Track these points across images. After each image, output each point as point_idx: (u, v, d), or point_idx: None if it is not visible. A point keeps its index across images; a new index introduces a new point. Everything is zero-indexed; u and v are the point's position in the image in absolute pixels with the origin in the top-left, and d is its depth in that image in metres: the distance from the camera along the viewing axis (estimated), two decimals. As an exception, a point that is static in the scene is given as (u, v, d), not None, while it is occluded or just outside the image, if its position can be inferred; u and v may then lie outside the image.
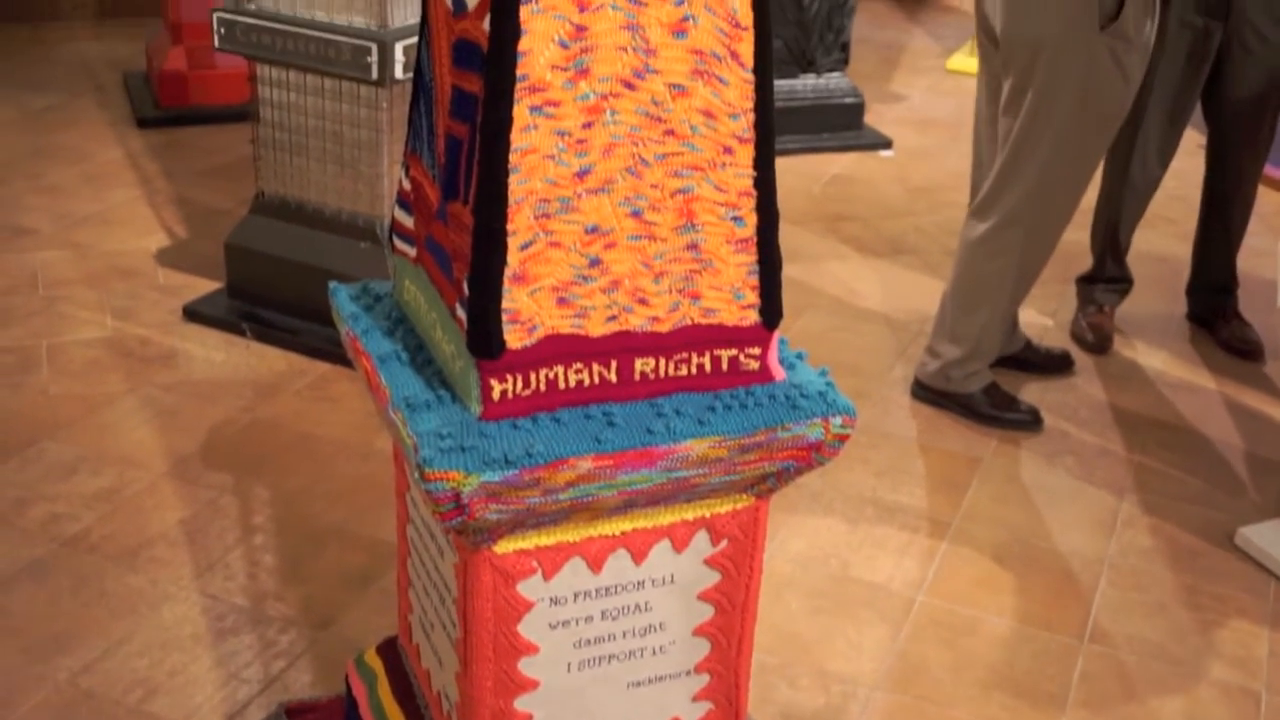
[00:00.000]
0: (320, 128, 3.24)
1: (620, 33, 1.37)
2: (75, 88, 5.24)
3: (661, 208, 1.44)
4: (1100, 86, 2.84)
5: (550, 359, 1.45)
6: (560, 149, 1.38)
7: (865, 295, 3.86)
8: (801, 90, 5.06)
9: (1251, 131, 3.45)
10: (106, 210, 4.10)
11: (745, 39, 1.43)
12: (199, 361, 3.25)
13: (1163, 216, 4.39)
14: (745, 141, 1.46)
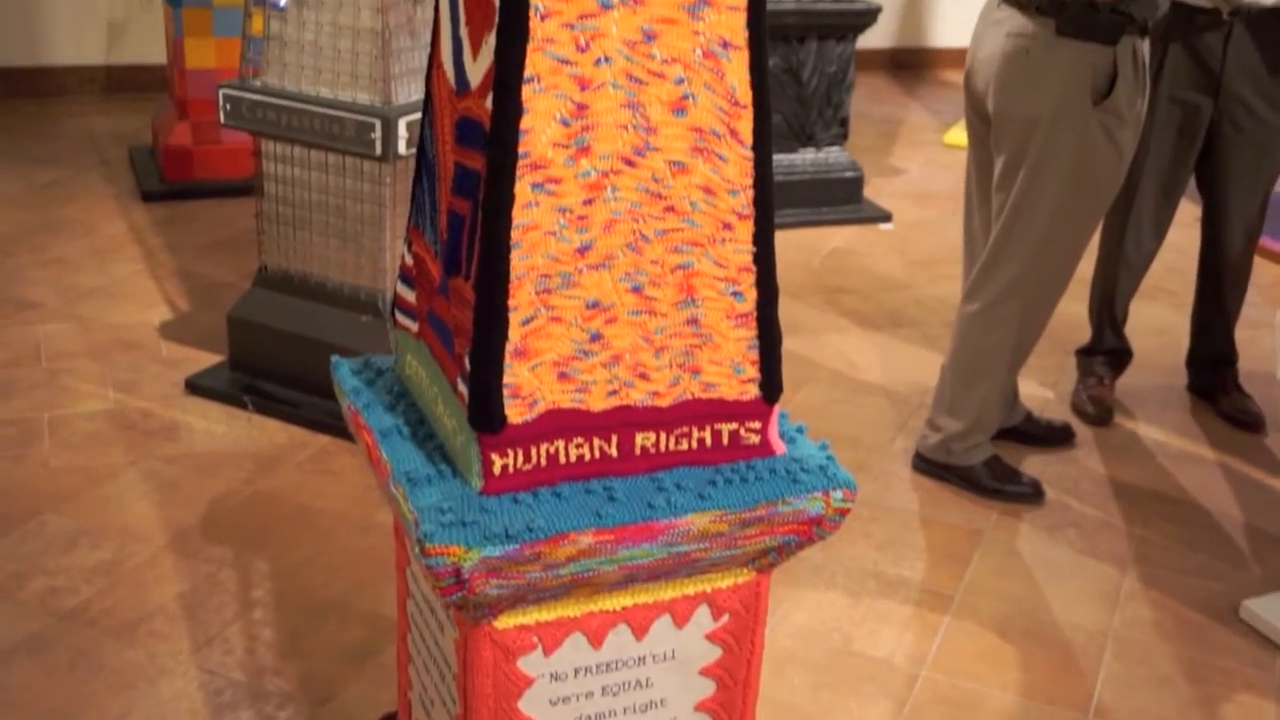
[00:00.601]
0: (324, 202, 3.27)
1: (621, 111, 1.39)
2: (81, 162, 5.29)
3: (662, 283, 1.46)
4: (1094, 161, 2.87)
5: (551, 433, 1.45)
6: (561, 225, 1.40)
7: (865, 368, 3.87)
8: (801, 164, 5.11)
9: (1245, 204, 3.48)
10: (110, 283, 4.12)
11: (744, 117, 1.45)
12: (200, 434, 3.25)
13: (1161, 288, 4.41)
14: (745, 218, 1.48)
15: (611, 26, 1.36)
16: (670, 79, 1.40)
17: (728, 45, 1.42)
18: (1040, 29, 2.83)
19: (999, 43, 2.92)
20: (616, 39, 1.37)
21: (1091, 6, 2.77)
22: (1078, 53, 2.80)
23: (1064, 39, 2.80)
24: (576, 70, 1.36)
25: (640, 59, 1.38)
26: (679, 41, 1.39)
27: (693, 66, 1.41)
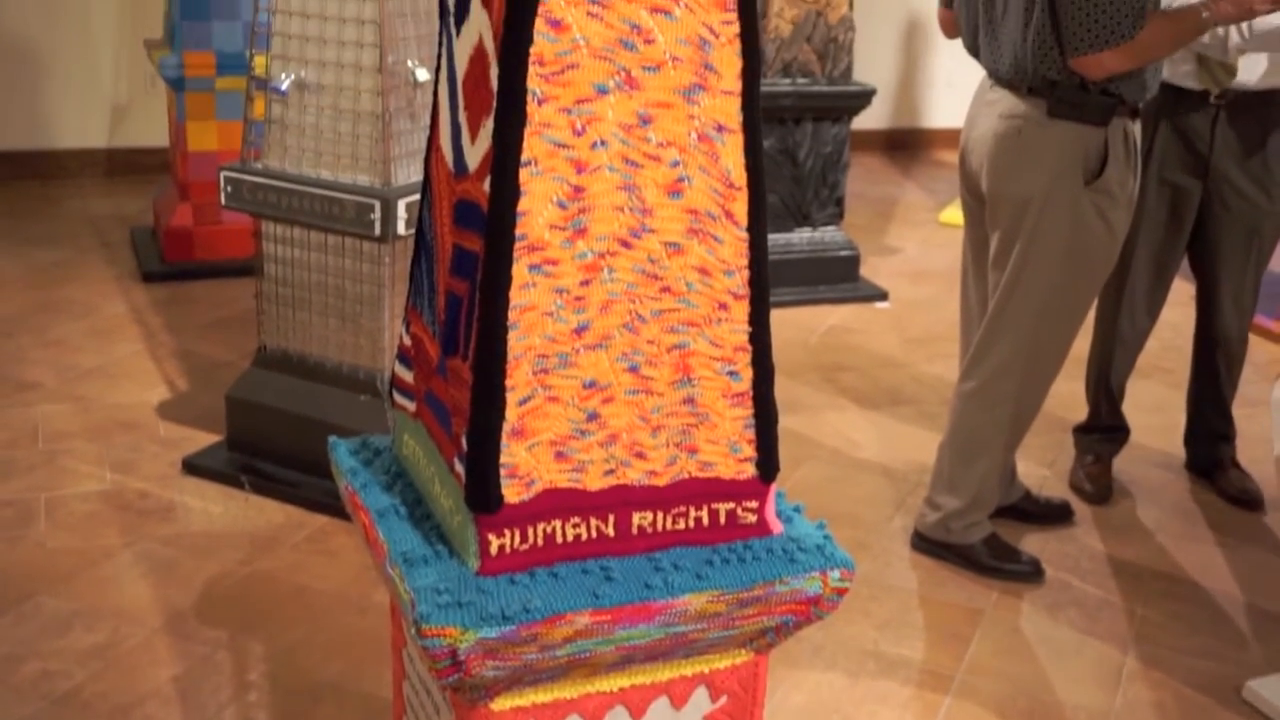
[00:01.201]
0: (323, 282, 3.29)
1: (617, 193, 1.41)
2: (82, 243, 5.33)
3: (658, 363, 1.47)
4: (1087, 240, 2.90)
5: (548, 513, 1.45)
6: (559, 306, 1.41)
7: (863, 446, 3.87)
8: (798, 243, 5.15)
9: (1238, 284, 3.51)
10: (110, 364, 4.14)
11: (739, 198, 1.47)
12: (197, 514, 3.25)
13: (1157, 366, 4.42)
14: (740, 298, 1.49)
15: (608, 111, 1.39)
16: (666, 162, 1.42)
17: (722, 129, 1.44)
18: (1032, 110, 2.87)
19: (992, 123, 2.96)
20: (613, 123, 1.39)
21: (1082, 88, 2.81)
22: (1069, 133, 2.84)
23: (1056, 120, 2.84)
24: (573, 153, 1.38)
25: (636, 142, 1.40)
26: (674, 125, 1.41)
27: (688, 150, 1.42)
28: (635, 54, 1.38)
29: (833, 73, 5.05)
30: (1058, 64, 2.79)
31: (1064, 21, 2.71)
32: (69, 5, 6.09)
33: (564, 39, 1.36)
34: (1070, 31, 2.70)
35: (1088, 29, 2.68)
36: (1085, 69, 2.74)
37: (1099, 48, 2.69)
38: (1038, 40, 2.79)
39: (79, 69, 6.19)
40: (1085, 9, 2.66)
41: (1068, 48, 2.72)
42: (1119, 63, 2.71)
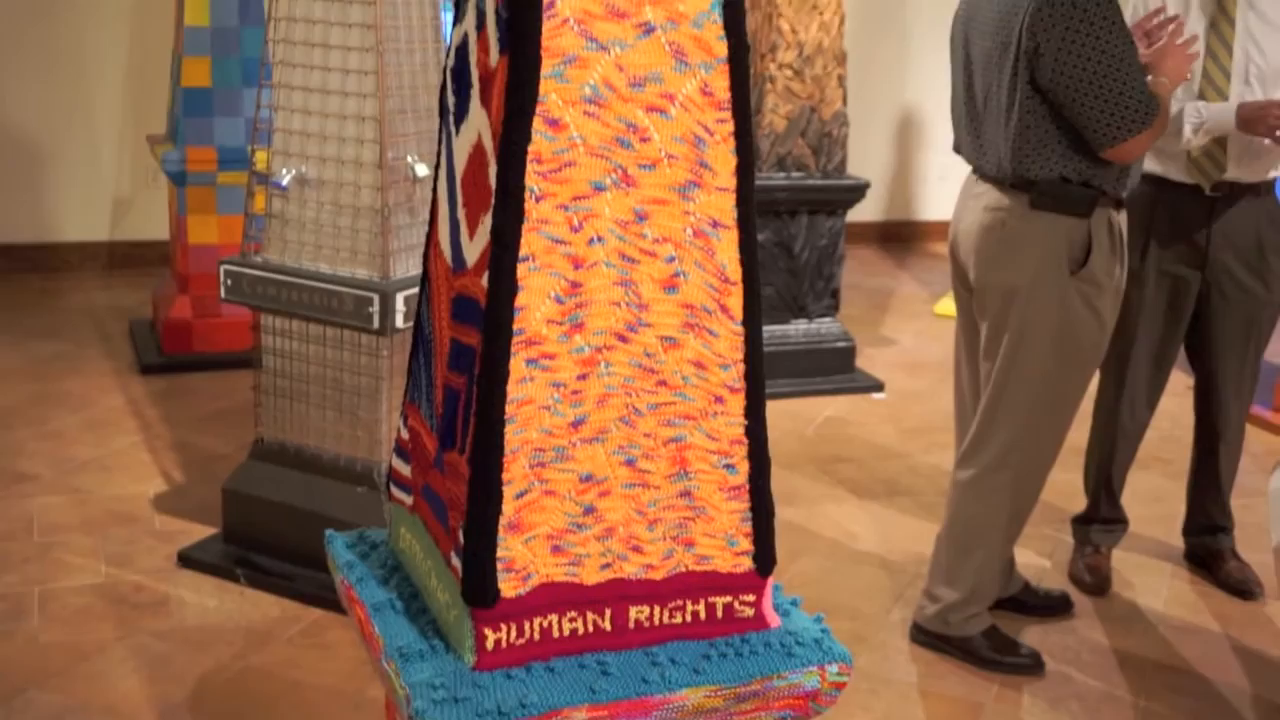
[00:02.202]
0: (321, 375, 3.30)
1: (614, 289, 1.42)
2: (81, 336, 5.35)
3: (655, 456, 1.47)
4: (1075, 330, 2.92)
5: (545, 608, 1.45)
6: (555, 400, 1.42)
7: (861, 537, 3.86)
8: (793, 335, 5.17)
9: (1235, 374, 3.52)
10: (107, 456, 4.13)
11: (735, 293, 1.49)
12: (192, 608, 3.22)
13: (1155, 456, 4.42)
14: (736, 391, 1.50)
15: (604, 207, 1.41)
16: (662, 257, 1.44)
17: (717, 225, 1.46)
18: (1015, 203, 2.91)
19: (977, 216, 3.01)
20: (609, 219, 1.41)
21: (1064, 181, 2.85)
22: (1052, 225, 2.88)
23: (1038, 212, 2.88)
24: (570, 249, 1.40)
25: (632, 238, 1.42)
26: (670, 222, 1.43)
27: (683, 245, 1.45)
28: (631, 152, 1.41)
29: (827, 167, 5.11)
30: (1037, 162, 2.85)
31: (1089, 118, 2.76)
32: (74, 100, 6.18)
33: (561, 137, 1.38)
34: (1099, 125, 2.76)
35: (1117, 120, 2.75)
36: (1122, 156, 2.81)
37: (1133, 133, 2.75)
38: (1017, 141, 2.85)
39: (82, 163, 6.26)
40: (1109, 101, 2.73)
41: (1099, 141, 2.78)
42: (1150, 141, 2.82)
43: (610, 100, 1.39)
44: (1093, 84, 2.73)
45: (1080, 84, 2.74)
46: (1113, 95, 2.73)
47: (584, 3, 1.38)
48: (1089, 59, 2.72)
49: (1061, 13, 2.72)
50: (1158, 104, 2.78)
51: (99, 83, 6.21)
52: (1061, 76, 2.75)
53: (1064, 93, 2.76)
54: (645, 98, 1.41)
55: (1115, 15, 2.74)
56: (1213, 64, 3.25)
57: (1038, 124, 2.84)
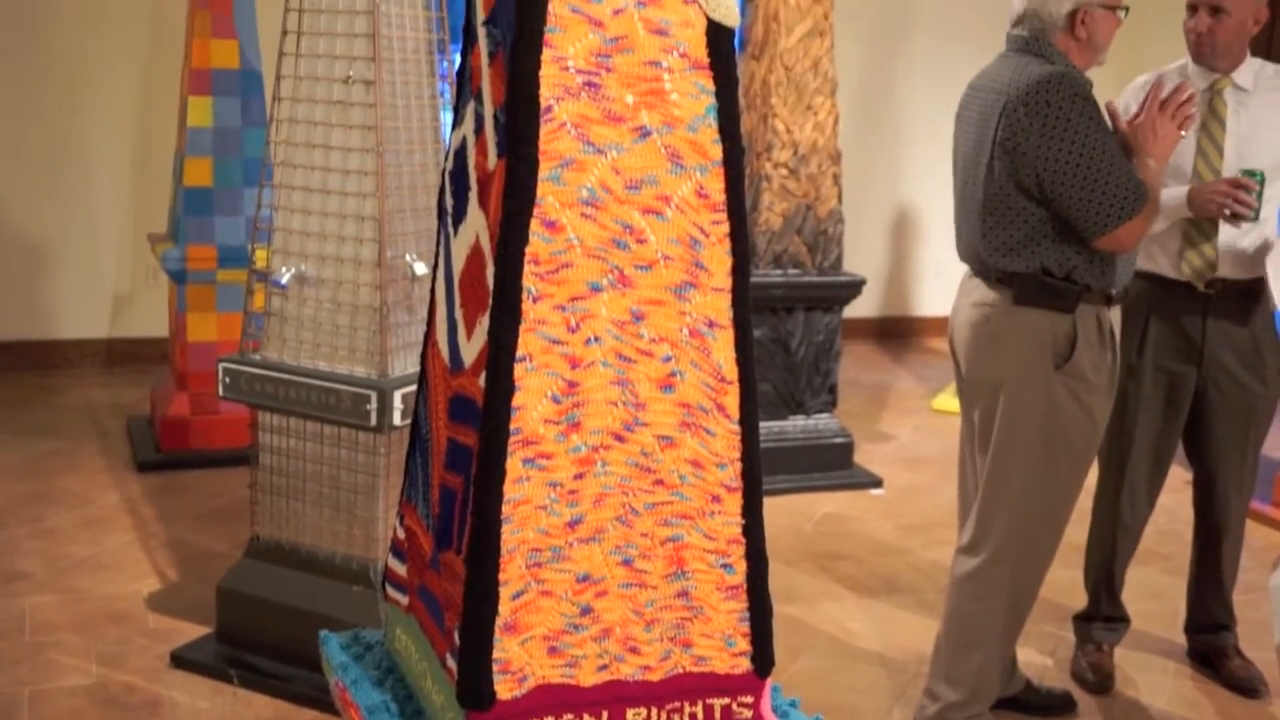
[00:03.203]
0: (318, 472, 3.29)
1: (610, 388, 1.43)
2: (78, 433, 5.34)
3: (652, 556, 1.47)
4: (1064, 425, 2.93)
5: (541, 710, 1.44)
6: (552, 499, 1.42)
7: (861, 635, 3.83)
8: (791, 431, 5.17)
9: (1235, 470, 3.51)
10: (101, 554, 4.11)
11: (731, 392, 1.49)
12: (184, 710, 3.18)
13: (1155, 552, 4.40)
14: (733, 490, 1.50)
15: (601, 308, 1.42)
16: (658, 357, 1.45)
17: (713, 325, 1.47)
18: (1000, 297, 2.94)
19: (967, 311, 3.04)
20: (606, 319, 1.42)
21: (1046, 274, 2.88)
22: (1035, 319, 2.90)
23: (1022, 307, 2.91)
24: (567, 349, 1.41)
25: (629, 338, 1.43)
26: (666, 322, 1.45)
27: (680, 345, 1.45)
28: (628, 253, 1.43)
29: (823, 264, 5.15)
30: (1019, 257, 2.88)
31: (1078, 210, 2.79)
32: (76, 199, 6.24)
33: (559, 239, 1.40)
34: (1089, 216, 2.79)
35: (1106, 208, 2.78)
36: (1115, 244, 2.83)
37: (1124, 219, 2.78)
38: (997, 237, 2.89)
39: (83, 261, 6.30)
40: (1096, 191, 2.76)
41: (1091, 231, 2.81)
42: (1143, 227, 2.83)
43: (607, 202, 1.41)
44: (1077, 176, 2.77)
45: (1065, 178, 2.77)
46: (1099, 185, 2.76)
47: (581, 108, 1.40)
48: (1071, 153, 2.76)
49: (1039, 110, 2.77)
50: (1145, 189, 2.81)
51: (101, 181, 6.28)
52: (1046, 173, 2.79)
53: (1050, 188, 2.80)
54: (641, 200, 1.43)
55: (1091, 109, 2.79)
56: (1203, 164, 3.29)
57: (1017, 220, 2.88)
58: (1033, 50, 2.90)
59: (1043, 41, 2.89)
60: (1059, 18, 2.87)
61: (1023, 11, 2.92)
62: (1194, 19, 3.27)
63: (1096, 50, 2.93)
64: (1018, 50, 2.93)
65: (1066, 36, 2.89)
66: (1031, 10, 2.90)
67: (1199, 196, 3.19)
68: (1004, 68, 2.92)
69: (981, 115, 2.92)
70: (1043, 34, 2.90)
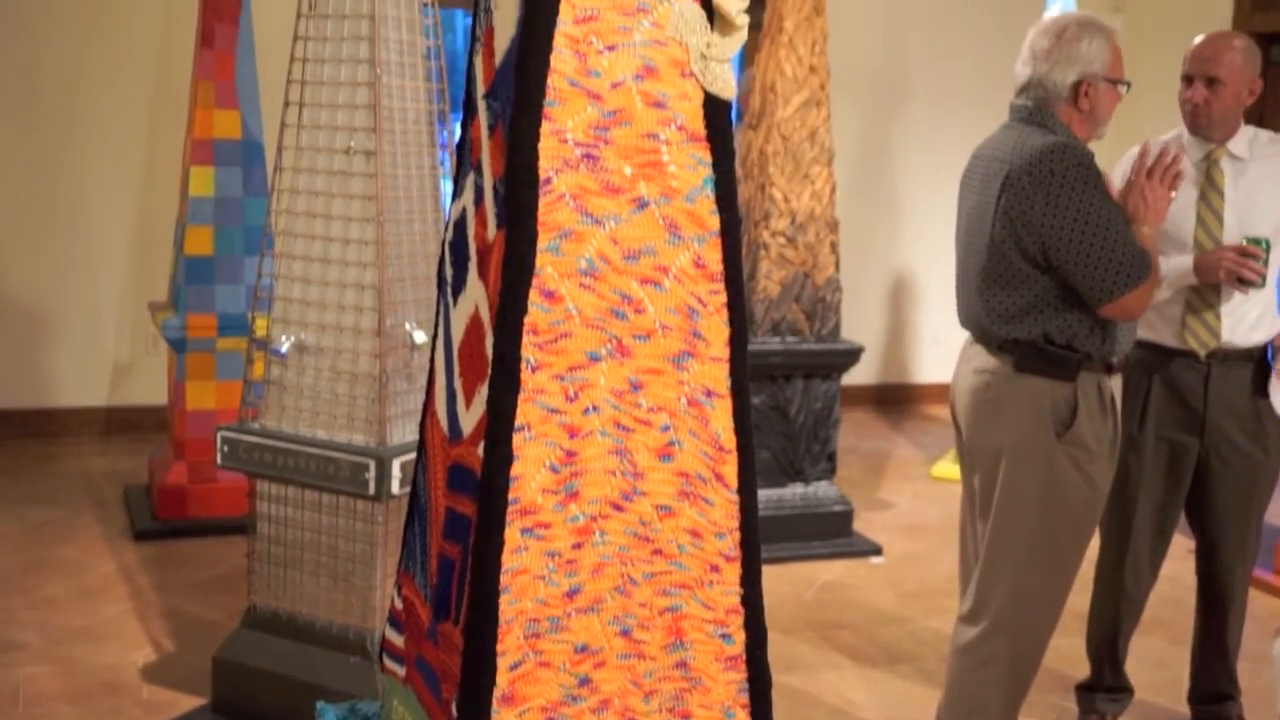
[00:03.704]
0: (316, 541, 3.28)
1: (609, 457, 1.43)
2: (76, 502, 5.33)
3: (650, 626, 1.46)
4: (1065, 493, 2.92)
5: (539, 783, 1.42)
6: (550, 569, 1.41)
7: (862, 706, 3.79)
8: (790, 499, 5.16)
9: (1238, 539, 3.50)
10: (97, 624, 4.08)
11: (729, 461, 1.49)
12: (178, 783, 3.15)
13: (1157, 621, 4.37)
14: (732, 560, 1.50)
15: (600, 377, 1.42)
16: (656, 426, 1.45)
17: (711, 394, 1.47)
18: (1001, 365, 2.95)
19: (968, 378, 3.05)
20: (604, 389, 1.43)
21: (1046, 343, 2.89)
22: (1036, 387, 2.90)
23: (1023, 374, 2.92)
24: (566, 419, 1.41)
25: (628, 408, 1.44)
26: (664, 391, 1.45)
27: (678, 414, 1.46)
28: (626, 323, 1.43)
29: (821, 331, 5.17)
30: (1020, 325, 2.89)
31: (1083, 278, 2.81)
32: (78, 268, 6.27)
33: (557, 309, 1.41)
34: (1095, 284, 2.81)
35: (1111, 276, 2.79)
36: (1121, 312, 2.85)
37: (1129, 287, 2.79)
38: (1000, 304, 2.91)
39: (83, 330, 6.32)
40: (1101, 260, 2.78)
41: (1097, 299, 2.82)
42: (1148, 294, 2.85)
43: (605, 273, 1.42)
44: (1083, 245, 2.78)
45: (1071, 247, 2.79)
46: (1105, 254, 2.78)
47: (580, 179, 1.41)
48: (1076, 222, 2.78)
49: (1043, 180, 2.79)
50: (1149, 258, 2.83)
51: (102, 250, 6.31)
52: (1052, 242, 2.80)
53: (1056, 257, 2.82)
54: (640, 270, 1.44)
55: (1095, 179, 2.82)
56: (1203, 232, 3.31)
57: (1019, 288, 2.89)
58: (1036, 121, 2.93)
59: (1046, 112, 2.92)
60: (1064, 88, 2.91)
61: (1027, 81, 2.96)
62: (1190, 90, 3.30)
63: (1098, 123, 2.96)
64: (1021, 120, 2.96)
65: (1070, 107, 2.92)
66: (1037, 79, 2.93)
67: (1206, 264, 3.21)
68: (1007, 137, 2.95)
69: (984, 184, 2.95)
70: (1046, 104, 2.93)
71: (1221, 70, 3.24)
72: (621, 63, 1.42)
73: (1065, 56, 2.89)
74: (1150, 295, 2.87)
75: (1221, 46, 3.27)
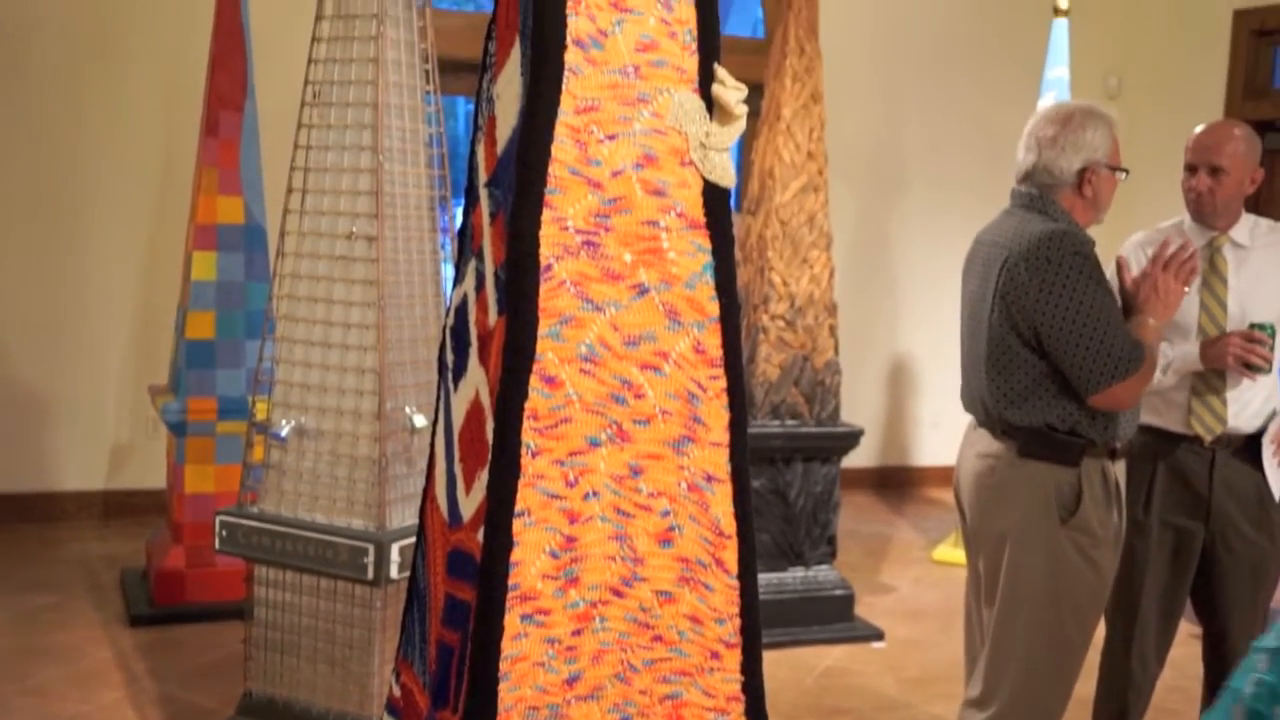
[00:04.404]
0: (313, 626, 3.26)
1: (609, 543, 1.43)
2: (72, 587, 5.29)
3: (650, 713, 1.45)
4: (1069, 579, 2.91)
5: None
6: (550, 656, 1.41)
7: (865, 794, 3.74)
8: (790, 583, 5.13)
9: (1245, 626, 3.47)
10: (92, 712, 4.04)
11: (729, 547, 1.49)
12: None
13: (1163, 707, 4.33)
14: (732, 646, 1.49)
15: (600, 462, 1.43)
16: (656, 511, 1.45)
17: (711, 479, 1.48)
18: (1005, 449, 2.95)
19: (972, 462, 3.05)
20: (605, 474, 1.43)
21: (1050, 429, 2.89)
22: (1041, 472, 2.90)
23: (1027, 460, 2.91)
24: (566, 504, 1.41)
25: (628, 493, 1.44)
26: (664, 476, 1.45)
27: (678, 500, 1.46)
28: (626, 408, 1.44)
29: (821, 414, 5.17)
30: (1022, 410, 2.89)
31: (1074, 367, 2.82)
32: (79, 351, 6.28)
33: (558, 394, 1.41)
34: (1084, 374, 2.81)
35: (1101, 367, 2.80)
36: (1110, 403, 2.84)
37: (1118, 379, 2.79)
38: (1001, 389, 2.91)
39: (84, 413, 6.32)
40: (1092, 350, 2.79)
41: (1086, 389, 2.82)
42: (1140, 386, 2.85)
43: (606, 358, 1.43)
44: (1074, 334, 2.80)
45: (1063, 335, 2.80)
46: (1096, 344, 2.79)
47: (580, 266, 1.43)
48: (1069, 310, 2.80)
49: (1039, 267, 2.81)
50: (1142, 350, 2.83)
51: (103, 333, 6.33)
52: (1044, 328, 2.82)
53: (1048, 344, 2.83)
54: (640, 356, 1.45)
55: (1092, 268, 2.83)
56: (1207, 319, 3.32)
57: (1020, 372, 2.90)
58: (1037, 207, 2.95)
59: (1048, 199, 2.94)
60: (1069, 175, 2.93)
61: (1031, 168, 2.98)
62: (1194, 179, 3.33)
63: (1099, 209, 2.99)
64: (1023, 206, 2.98)
65: (1073, 194, 2.94)
66: (1042, 166, 2.95)
67: (1213, 350, 3.23)
68: (1009, 223, 2.97)
69: (985, 268, 2.97)
70: (1049, 190, 2.95)
71: (1224, 159, 3.28)
72: (622, 151, 1.44)
73: (1070, 144, 2.92)
74: (1142, 388, 2.87)
75: (1224, 135, 3.31)
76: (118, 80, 6.18)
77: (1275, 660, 1.27)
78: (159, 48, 6.20)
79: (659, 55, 1.47)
